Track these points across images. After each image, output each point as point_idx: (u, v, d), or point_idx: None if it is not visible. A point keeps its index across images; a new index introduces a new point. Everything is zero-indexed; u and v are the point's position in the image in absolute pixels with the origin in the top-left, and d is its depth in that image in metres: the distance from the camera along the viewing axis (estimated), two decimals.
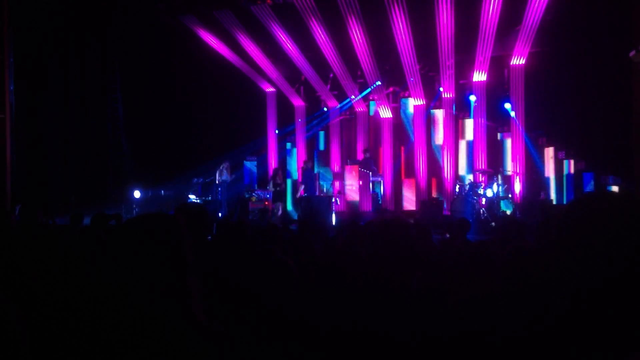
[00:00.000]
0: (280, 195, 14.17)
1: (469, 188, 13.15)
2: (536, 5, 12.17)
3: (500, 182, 13.42)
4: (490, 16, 12.45)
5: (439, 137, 15.11)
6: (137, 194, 15.48)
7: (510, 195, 13.72)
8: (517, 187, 13.86)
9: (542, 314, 1.42)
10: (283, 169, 15.81)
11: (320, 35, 13.67)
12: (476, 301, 2.39)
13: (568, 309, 1.30)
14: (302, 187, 14.52)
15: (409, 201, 15.33)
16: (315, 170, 16.34)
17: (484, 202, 12.90)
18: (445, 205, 13.89)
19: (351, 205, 14.42)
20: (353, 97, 15.72)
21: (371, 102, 16.08)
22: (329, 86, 15.95)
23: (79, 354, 1.57)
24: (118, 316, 1.60)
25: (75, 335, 1.59)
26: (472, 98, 14.37)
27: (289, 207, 15.20)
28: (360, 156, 15.65)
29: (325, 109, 16.57)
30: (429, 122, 15.37)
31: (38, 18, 14.40)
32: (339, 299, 2.17)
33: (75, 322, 1.64)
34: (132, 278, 1.66)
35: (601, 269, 1.26)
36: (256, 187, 15.42)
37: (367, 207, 14.93)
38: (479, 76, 14.17)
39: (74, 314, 1.67)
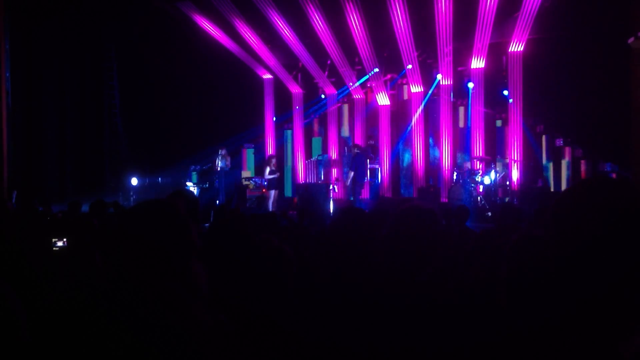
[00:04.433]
0: (274, 183, 14.10)
1: (466, 175, 13.17)
2: None
3: (497, 169, 13.43)
4: (488, 2, 12.38)
5: (437, 124, 15.12)
6: (134, 181, 15.48)
7: (508, 182, 13.74)
8: (515, 174, 13.88)
9: (545, 304, 1.41)
10: (278, 156, 15.74)
11: (318, 22, 13.59)
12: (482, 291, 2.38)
13: (568, 297, 1.29)
14: (352, 173, 13.67)
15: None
16: (313, 158, 16.37)
17: (481, 190, 12.92)
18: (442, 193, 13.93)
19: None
20: (351, 84, 15.67)
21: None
22: (326, 73, 15.89)
23: (81, 343, 1.55)
24: (123, 303, 1.57)
25: (76, 324, 1.58)
26: (470, 85, 14.34)
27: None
28: (358, 143, 15.66)
29: (322, 96, 16.53)
30: (427, 109, 15.37)
31: (34, 4, 14.28)
32: (340, 288, 2.16)
33: (77, 310, 1.62)
34: (138, 265, 1.63)
35: (599, 254, 1.25)
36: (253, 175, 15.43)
37: (365, 194, 14.94)
38: (477, 63, 14.12)
39: (75, 301, 1.65)
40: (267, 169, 14.06)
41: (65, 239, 4.37)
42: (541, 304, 1.38)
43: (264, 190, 14.16)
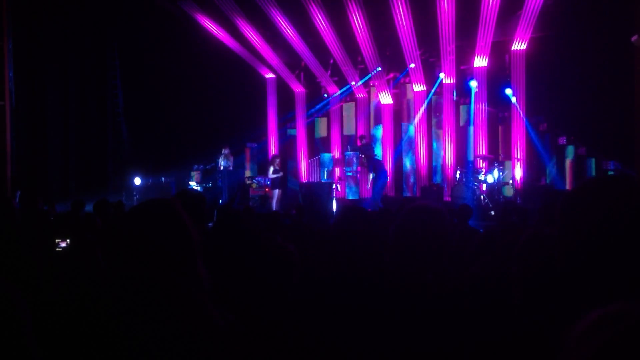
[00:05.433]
0: (278, 182, 14.10)
1: (469, 174, 13.14)
2: None
3: (501, 167, 13.39)
4: (491, 1, 12.36)
5: (440, 123, 15.09)
6: (137, 180, 15.47)
7: (511, 182, 13.71)
8: (518, 172, 13.84)
9: (560, 302, 1.40)
10: (282, 156, 15.73)
11: (321, 21, 13.58)
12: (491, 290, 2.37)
13: (581, 296, 1.29)
14: (372, 175, 13.41)
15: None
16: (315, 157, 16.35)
17: (484, 188, 12.89)
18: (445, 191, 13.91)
19: None
20: (353, 83, 15.65)
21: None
22: (329, 72, 15.87)
23: (85, 343, 1.54)
24: (127, 303, 1.56)
25: (80, 324, 1.57)
26: (473, 84, 14.27)
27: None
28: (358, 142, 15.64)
29: (325, 95, 16.50)
30: (430, 108, 15.34)
31: (37, 4, 14.30)
32: (344, 286, 2.15)
33: (80, 310, 1.61)
34: (140, 264, 1.62)
35: (606, 253, 1.24)
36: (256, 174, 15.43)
37: (367, 193, 14.92)
38: (480, 62, 14.09)
39: (79, 301, 1.64)
40: (271, 169, 14.07)
41: (68, 240, 4.37)
42: (556, 303, 1.36)
43: (267, 189, 14.16)
